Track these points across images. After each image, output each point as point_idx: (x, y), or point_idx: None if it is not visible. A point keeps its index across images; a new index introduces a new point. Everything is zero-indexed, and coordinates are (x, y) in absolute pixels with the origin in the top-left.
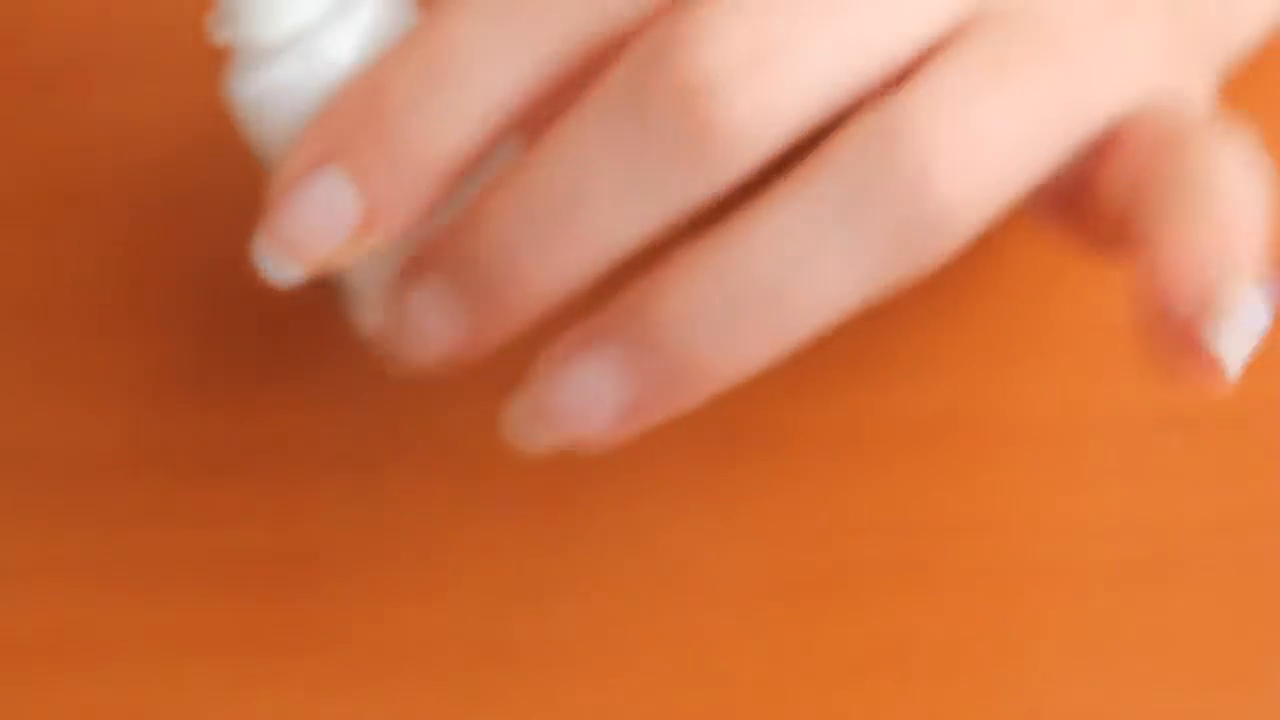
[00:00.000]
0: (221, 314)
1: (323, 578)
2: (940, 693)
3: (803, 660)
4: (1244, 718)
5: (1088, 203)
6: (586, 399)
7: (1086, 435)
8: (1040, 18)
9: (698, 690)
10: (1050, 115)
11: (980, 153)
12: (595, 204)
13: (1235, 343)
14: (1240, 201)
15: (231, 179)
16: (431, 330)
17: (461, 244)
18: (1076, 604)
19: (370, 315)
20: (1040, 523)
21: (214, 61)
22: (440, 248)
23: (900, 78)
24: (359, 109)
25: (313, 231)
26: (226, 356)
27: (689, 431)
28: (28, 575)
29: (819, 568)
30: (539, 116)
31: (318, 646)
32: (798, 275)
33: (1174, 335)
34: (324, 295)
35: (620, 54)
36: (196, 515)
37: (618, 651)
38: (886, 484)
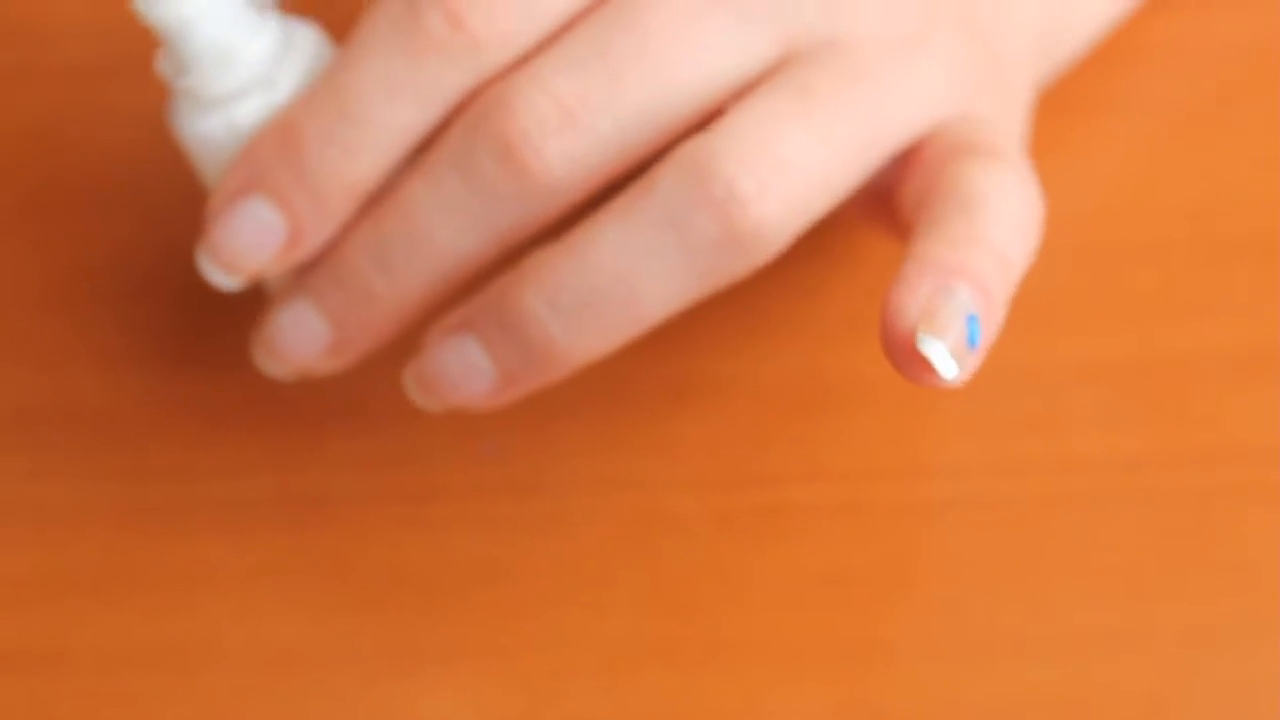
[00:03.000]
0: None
1: (327, 516)
2: (874, 617)
3: (749, 588)
4: (1151, 628)
5: (892, 209)
6: (460, 373)
7: (1003, 386)
8: (844, 52)
9: (656, 612)
10: (851, 140)
11: (784, 175)
12: (436, 232)
13: (942, 353)
14: (995, 220)
15: None
16: (301, 340)
17: (329, 265)
18: (998, 536)
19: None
20: (963, 465)
21: None
22: (308, 273)
23: (718, 112)
24: (278, 144)
25: (244, 249)
26: (235, 321)
27: (642, 388)
28: (63, 520)
29: (761, 507)
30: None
31: (323, 577)
32: (631, 279)
33: (898, 340)
34: None
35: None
36: (210, 466)
37: (588, 577)
38: (822, 432)
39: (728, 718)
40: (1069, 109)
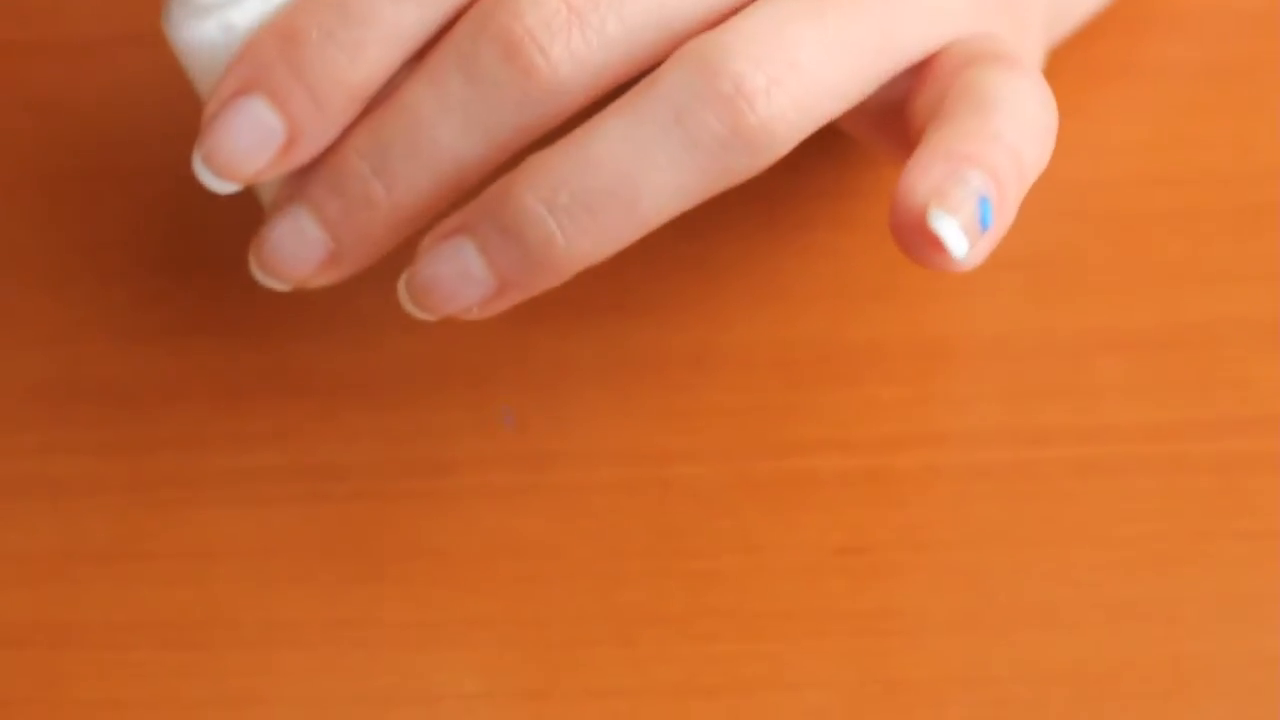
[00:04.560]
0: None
1: (341, 489)
2: (896, 586)
3: (769, 557)
4: (1176, 597)
5: (902, 124)
6: (456, 278)
7: (1028, 354)
8: None
9: (675, 582)
10: (863, 44)
11: (793, 75)
12: (437, 134)
13: (953, 229)
14: (1010, 119)
15: None
16: (298, 250)
17: (326, 172)
18: (1022, 505)
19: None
20: (987, 433)
21: None
22: (306, 176)
23: (727, 19)
24: (278, 43)
25: (241, 152)
26: (247, 297)
27: (660, 357)
28: (75, 494)
29: (782, 476)
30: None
31: (338, 550)
32: (634, 175)
33: (908, 218)
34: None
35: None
36: (223, 439)
37: (606, 548)
38: (844, 401)
39: (748, 688)
40: (1093, 75)
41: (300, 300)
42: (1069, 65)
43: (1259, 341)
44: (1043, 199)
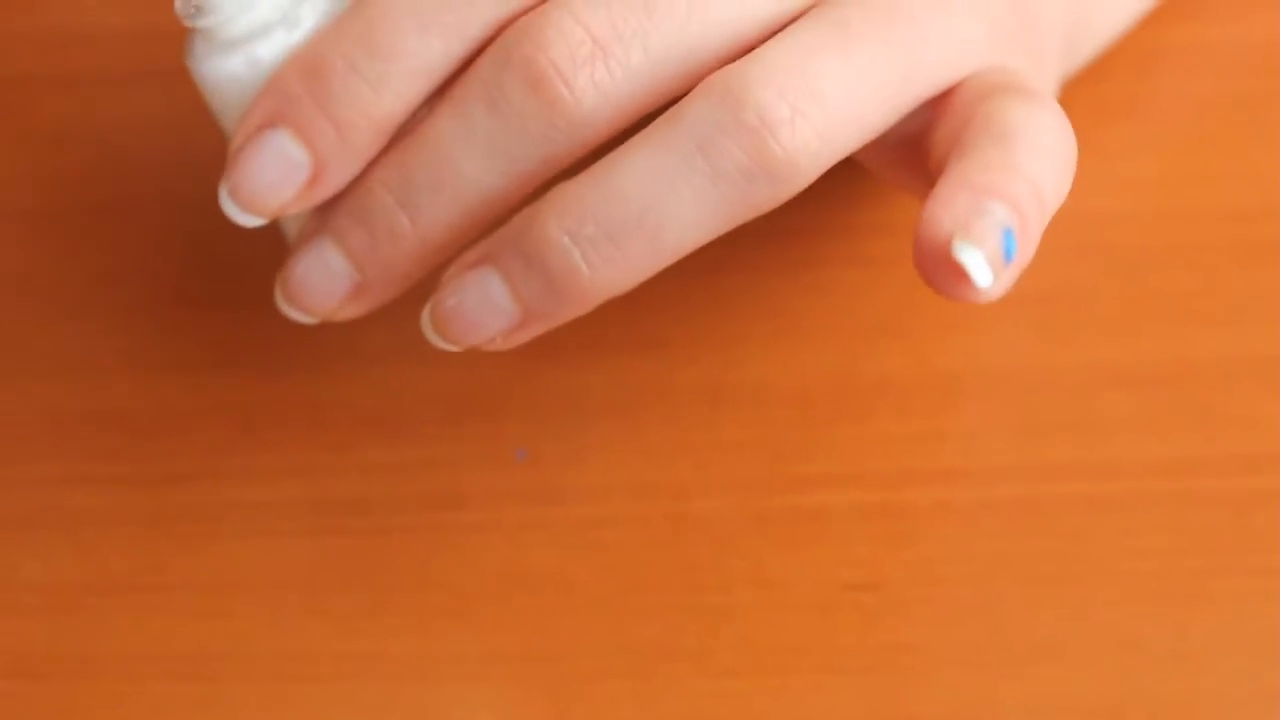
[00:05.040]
0: (261, 295)
1: (357, 522)
2: (908, 621)
3: (782, 592)
4: (1185, 633)
5: (921, 157)
6: (479, 309)
7: (1037, 390)
8: None
9: (688, 618)
10: (885, 76)
11: (817, 105)
12: (462, 165)
13: (978, 260)
14: (1030, 151)
15: None
16: (323, 283)
17: (352, 204)
18: (1032, 541)
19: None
20: (998, 469)
21: None
22: (332, 209)
23: (751, 51)
24: (303, 76)
25: (266, 185)
26: (264, 330)
27: (674, 392)
28: (93, 525)
29: (795, 511)
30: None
31: (353, 583)
32: (659, 206)
33: (933, 250)
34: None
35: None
36: (240, 472)
37: (620, 583)
38: (856, 436)
39: None
40: (1103, 111)
41: (316, 335)
42: (1079, 101)
43: (1268, 378)
44: (1053, 234)
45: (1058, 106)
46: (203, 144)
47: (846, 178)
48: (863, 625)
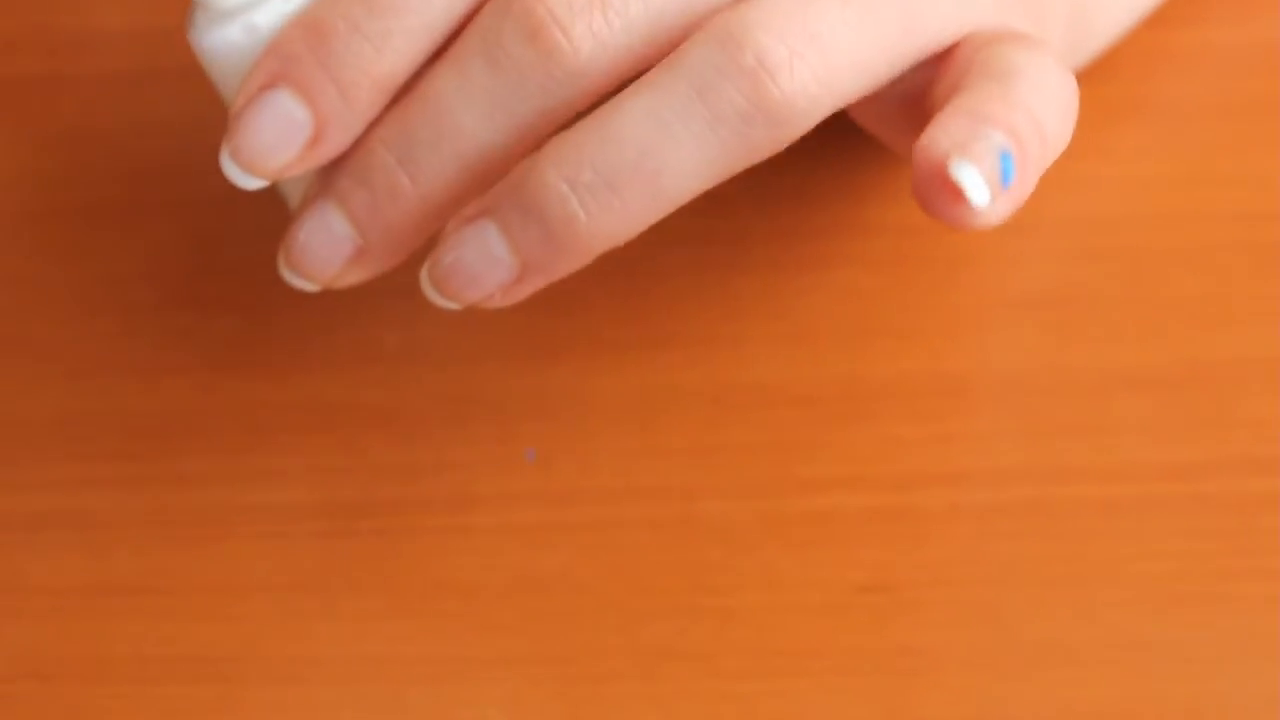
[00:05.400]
0: (268, 296)
1: (367, 524)
2: (918, 624)
3: (791, 595)
4: (1197, 637)
5: (923, 117)
6: (478, 263)
7: (1047, 392)
8: None
9: (698, 620)
10: (886, 24)
11: (815, 49)
12: (462, 120)
13: (975, 177)
14: (1031, 89)
15: None
16: (325, 245)
17: (352, 164)
18: (1042, 544)
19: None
20: (1007, 471)
21: None
22: (332, 169)
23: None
24: (305, 36)
25: (268, 146)
26: (273, 332)
27: (682, 394)
28: (103, 528)
29: (804, 513)
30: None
31: (363, 586)
32: (657, 151)
33: (929, 169)
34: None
35: None
36: (249, 474)
37: (629, 585)
38: (865, 438)
39: None
40: (1109, 114)
41: (326, 335)
42: (1085, 103)
43: (1278, 380)
44: (1061, 237)
45: (1059, 58)
46: (211, 145)
47: (855, 179)
48: (873, 627)
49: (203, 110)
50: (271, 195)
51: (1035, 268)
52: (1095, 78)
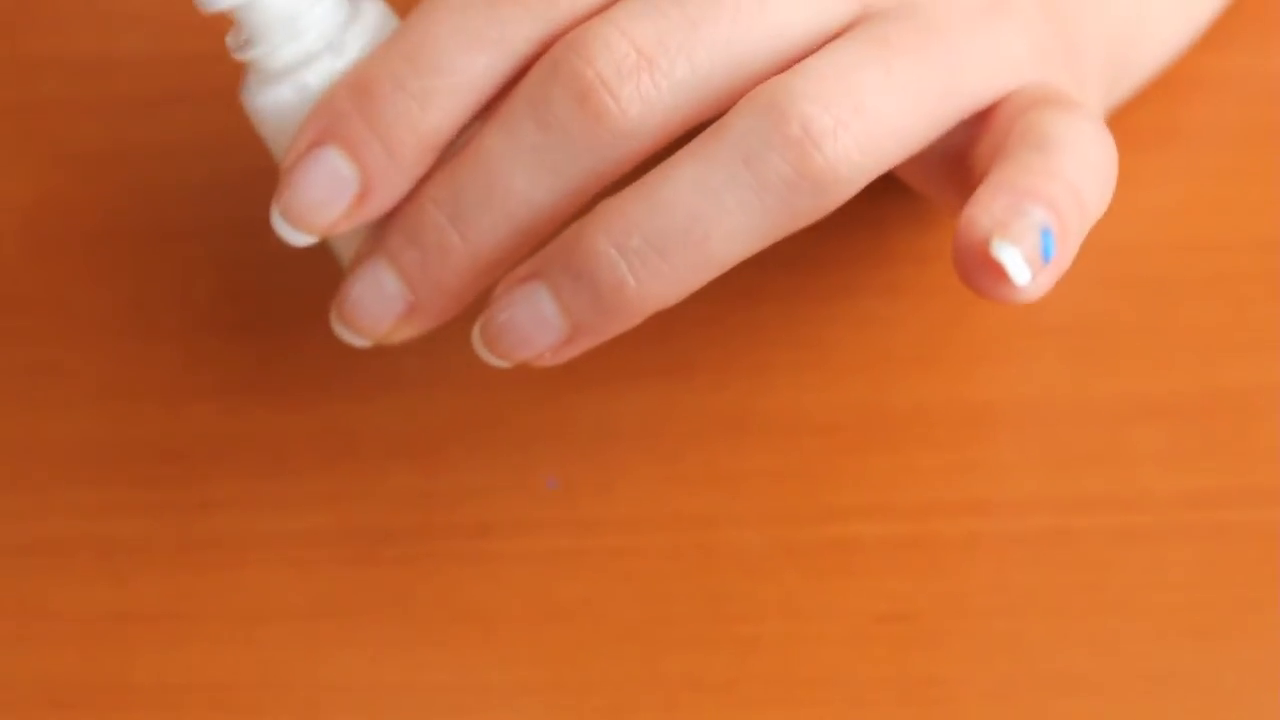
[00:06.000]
0: (292, 323)
1: (388, 551)
2: (938, 653)
3: (811, 623)
4: (1216, 667)
5: (965, 174)
6: (529, 324)
7: (1066, 421)
8: (921, 13)
9: (718, 648)
10: (927, 91)
11: (858, 118)
12: (512, 180)
13: (1015, 258)
14: (1071, 159)
15: None
16: (377, 303)
17: (403, 222)
18: (1064, 571)
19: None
20: (1027, 500)
21: None
22: (383, 227)
23: (794, 65)
24: (352, 94)
25: (317, 203)
26: (295, 358)
27: (703, 422)
28: (126, 553)
29: (824, 542)
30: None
31: (384, 613)
32: (704, 218)
33: (971, 248)
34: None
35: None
36: (271, 500)
37: (649, 613)
38: (885, 467)
39: None
40: (1131, 141)
41: (348, 362)
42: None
43: None
44: (1081, 265)
45: (1100, 119)
46: (234, 169)
47: (876, 209)
48: (893, 657)
49: (226, 135)
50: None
51: (1055, 296)
52: (1119, 105)
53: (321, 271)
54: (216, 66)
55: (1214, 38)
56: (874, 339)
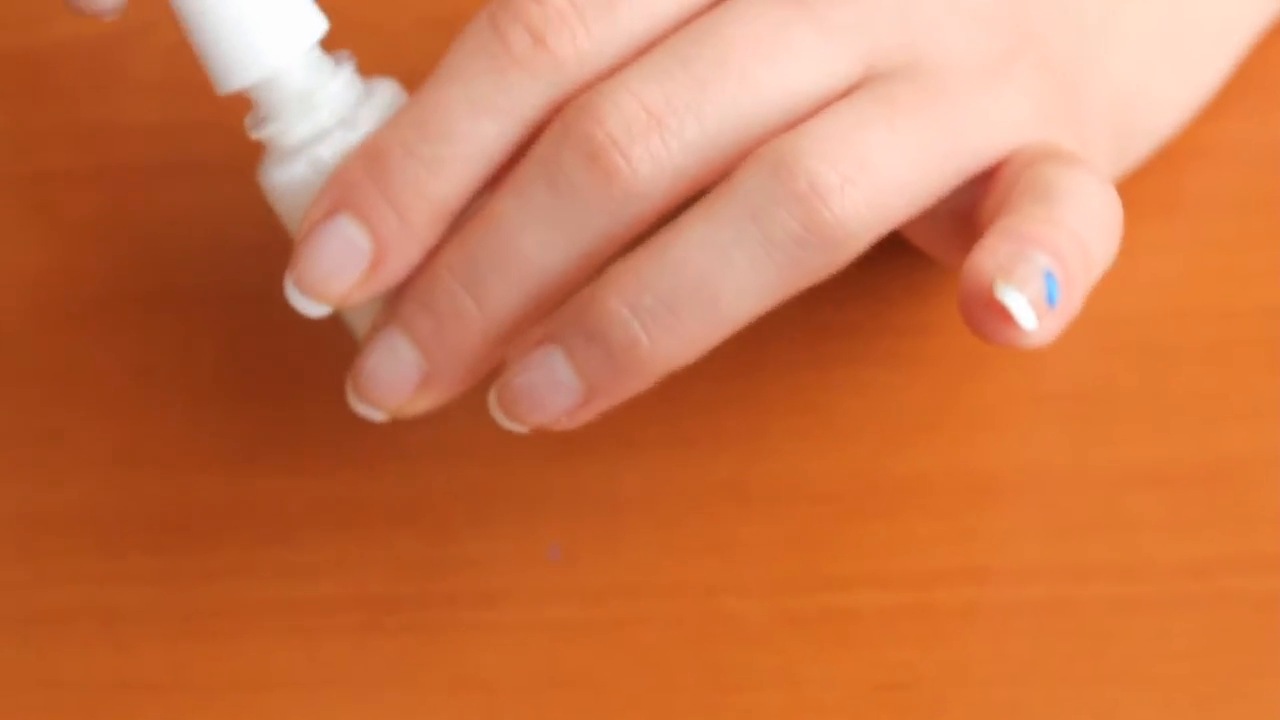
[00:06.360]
0: (297, 390)
1: (393, 620)
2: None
3: (813, 692)
4: None
5: (971, 233)
6: (544, 388)
7: (1066, 489)
8: (926, 73)
9: (725, 716)
10: (932, 148)
11: (865, 174)
12: (525, 245)
13: (1021, 303)
14: (1075, 210)
15: None
16: (393, 373)
17: (417, 289)
18: (1065, 640)
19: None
20: (1027, 568)
21: None
22: (397, 297)
23: (801, 123)
24: (364, 163)
25: (330, 272)
26: (298, 426)
27: (703, 491)
28: (130, 622)
29: (825, 610)
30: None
31: (389, 682)
32: (715, 276)
33: (976, 293)
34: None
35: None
36: (276, 569)
37: (653, 682)
38: (885, 535)
39: None
40: (1130, 209)
41: (352, 430)
42: None
43: None
44: (1080, 332)
45: (1102, 174)
46: (237, 237)
47: (874, 277)
48: None
49: (229, 203)
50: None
51: (1055, 363)
52: (1129, 172)
53: (325, 339)
54: (219, 135)
55: (1212, 106)
56: (873, 407)
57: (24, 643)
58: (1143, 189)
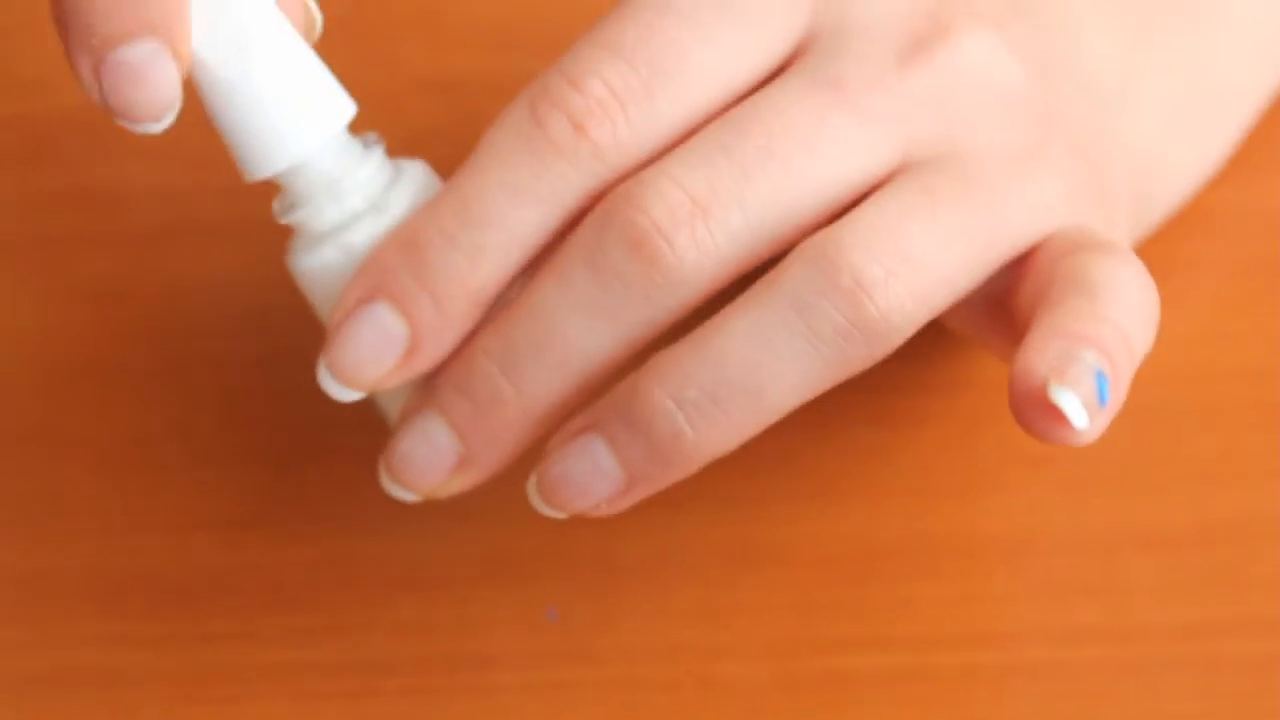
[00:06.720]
0: (296, 454)
1: (390, 683)
2: None
3: None
4: None
5: (1007, 316)
6: (586, 476)
7: (1061, 552)
8: (962, 162)
9: None
10: (972, 238)
11: (908, 267)
12: (566, 331)
13: (1074, 403)
14: (1116, 303)
15: (308, 338)
16: (428, 456)
17: (454, 374)
18: (1061, 703)
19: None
20: (1022, 632)
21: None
22: (432, 381)
23: (843, 211)
24: (401, 249)
25: (364, 358)
26: (297, 491)
27: (700, 554)
28: (130, 685)
29: (820, 674)
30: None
31: None
32: (759, 368)
33: (1029, 394)
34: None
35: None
36: (274, 632)
37: None
38: (881, 598)
39: None
40: None
41: (349, 495)
42: None
43: None
44: None
45: (1137, 260)
46: (240, 302)
47: None
48: None
49: (232, 269)
50: (302, 354)
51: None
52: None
53: (324, 405)
54: (220, 199)
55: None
56: (870, 471)
57: (22, 706)
58: (1141, 252)
